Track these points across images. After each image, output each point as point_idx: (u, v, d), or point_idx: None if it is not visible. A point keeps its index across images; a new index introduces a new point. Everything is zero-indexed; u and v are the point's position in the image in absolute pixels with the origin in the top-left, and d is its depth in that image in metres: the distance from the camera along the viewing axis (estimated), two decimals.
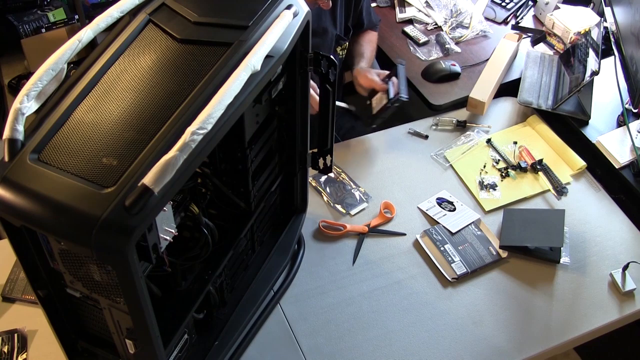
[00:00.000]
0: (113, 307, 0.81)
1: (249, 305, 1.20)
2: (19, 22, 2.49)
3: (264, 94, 0.98)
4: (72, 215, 0.67)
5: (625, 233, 1.42)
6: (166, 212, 0.78)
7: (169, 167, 0.67)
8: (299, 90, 1.10)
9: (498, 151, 1.57)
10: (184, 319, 0.96)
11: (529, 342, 1.23)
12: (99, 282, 0.77)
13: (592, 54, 1.60)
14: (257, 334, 1.22)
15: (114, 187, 0.68)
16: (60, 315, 0.91)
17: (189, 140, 0.68)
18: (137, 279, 0.71)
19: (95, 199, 0.67)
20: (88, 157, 0.72)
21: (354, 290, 1.30)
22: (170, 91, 0.78)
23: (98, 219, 0.65)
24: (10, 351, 1.18)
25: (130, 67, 0.81)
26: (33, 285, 0.85)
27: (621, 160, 1.53)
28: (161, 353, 0.86)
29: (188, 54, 0.82)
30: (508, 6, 2.03)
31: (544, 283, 1.32)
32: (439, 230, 1.38)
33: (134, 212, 0.66)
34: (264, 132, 1.06)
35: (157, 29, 0.85)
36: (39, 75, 0.75)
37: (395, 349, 1.21)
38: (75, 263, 0.77)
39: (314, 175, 1.50)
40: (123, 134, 0.74)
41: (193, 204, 0.91)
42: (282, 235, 1.30)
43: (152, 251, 0.76)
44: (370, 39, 1.87)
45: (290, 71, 1.06)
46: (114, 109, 0.76)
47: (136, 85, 0.79)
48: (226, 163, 1.03)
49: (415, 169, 1.52)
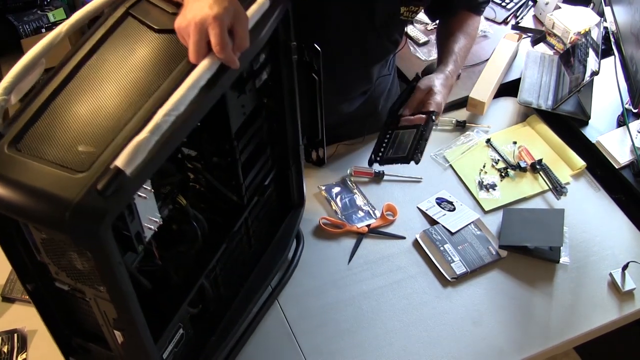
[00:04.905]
0: (98, 297, 0.82)
1: (246, 301, 1.19)
2: (19, 22, 2.49)
3: (247, 84, 0.98)
4: (46, 200, 0.68)
5: (625, 233, 1.42)
6: (147, 200, 0.79)
7: (140, 148, 0.68)
8: (286, 81, 1.09)
9: (498, 151, 1.57)
10: (176, 311, 0.97)
11: (529, 342, 1.23)
12: (82, 271, 0.78)
13: (592, 54, 1.60)
14: (256, 334, 1.22)
15: (87, 171, 0.70)
16: (52, 311, 0.92)
17: (160, 122, 0.70)
18: (114, 263, 0.72)
19: (69, 184, 0.68)
20: (65, 145, 0.73)
21: (354, 290, 1.30)
22: (148, 79, 0.79)
23: (71, 202, 0.66)
24: (10, 351, 1.19)
25: (109, 58, 0.83)
26: (21, 279, 0.86)
27: (621, 160, 1.53)
28: (149, 342, 0.86)
29: (165, 43, 0.84)
30: (508, 6, 2.03)
31: (543, 283, 1.32)
32: (439, 230, 1.38)
33: (107, 194, 0.67)
34: (252, 124, 1.06)
35: (135, 22, 0.87)
36: (17, 69, 0.77)
37: (395, 348, 1.21)
38: (57, 252, 0.78)
39: (326, 186, 1.47)
40: (100, 122, 0.75)
41: (181, 196, 0.92)
42: (279, 230, 1.30)
43: (136, 240, 0.78)
44: (465, 25, 1.43)
45: (274, 61, 1.05)
46: (92, 99, 0.78)
47: (114, 75, 0.80)
48: (216, 156, 1.03)
49: (414, 168, 1.52)
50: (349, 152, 1.56)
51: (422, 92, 1.35)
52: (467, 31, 1.43)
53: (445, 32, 1.45)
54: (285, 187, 1.29)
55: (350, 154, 1.55)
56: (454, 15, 1.45)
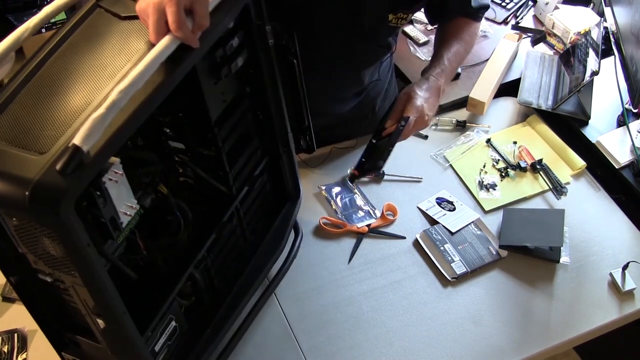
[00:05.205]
0: (75, 284, 0.83)
1: (242, 293, 1.19)
2: (19, 22, 2.48)
3: (222, 69, 0.98)
4: (7, 181, 0.69)
5: (625, 233, 1.42)
6: (119, 184, 0.79)
7: (96, 125, 0.69)
8: (265, 67, 1.08)
9: (498, 151, 1.57)
10: (164, 301, 0.97)
11: (529, 342, 1.23)
12: (56, 257, 0.79)
13: (592, 54, 1.60)
14: (256, 334, 1.22)
15: (48, 152, 0.71)
16: (41, 305, 0.92)
17: (116, 99, 0.71)
18: (81, 245, 0.73)
19: (31, 165, 0.70)
20: (30, 130, 0.75)
21: (354, 289, 1.30)
22: (112, 63, 0.81)
23: (30, 182, 0.68)
24: (10, 351, 1.19)
25: (76, 48, 0.84)
26: (4, 272, 0.87)
27: (621, 160, 1.53)
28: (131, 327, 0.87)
29: (130, 28, 0.85)
30: (508, 6, 2.03)
31: (543, 283, 1.32)
32: (439, 230, 1.39)
33: (67, 172, 0.67)
34: (234, 112, 1.06)
35: (104, 12, 0.88)
36: None
37: (395, 348, 1.21)
38: (31, 238, 0.78)
39: (326, 186, 1.48)
40: (65, 107, 0.77)
41: (162, 184, 0.93)
42: (275, 222, 1.29)
43: (111, 225, 0.78)
44: (461, 31, 1.39)
45: (251, 46, 1.04)
46: (58, 86, 0.80)
47: (80, 63, 0.82)
48: (201, 146, 1.04)
49: (414, 168, 1.52)
50: (349, 152, 1.56)
51: (402, 101, 1.33)
52: (461, 37, 1.40)
53: (439, 38, 1.43)
54: (279, 178, 1.28)
55: (350, 154, 1.55)
56: (450, 20, 1.42)
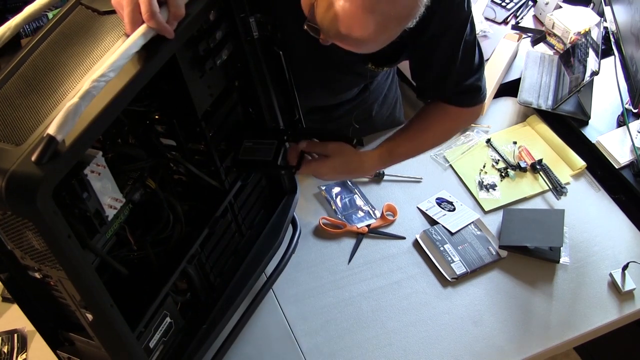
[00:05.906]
0: (62, 279, 0.83)
1: (239, 289, 1.18)
2: None
3: (207, 62, 0.98)
4: None
5: (625, 233, 1.42)
6: (102, 177, 0.80)
7: (70, 114, 0.70)
8: (251, 60, 1.08)
9: (498, 151, 1.57)
10: (156, 296, 0.97)
11: (529, 342, 1.23)
12: (40, 251, 0.79)
13: (592, 54, 1.60)
14: (256, 334, 1.22)
15: (24, 143, 0.72)
16: (33, 303, 0.92)
17: (89, 88, 0.71)
18: (61, 236, 0.73)
19: (7, 156, 0.70)
20: (9, 123, 0.76)
21: (354, 290, 1.30)
22: (90, 56, 0.83)
23: (6, 172, 0.68)
24: (10, 351, 1.19)
25: (57, 44, 0.86)
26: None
27: (621, 160, 1.53)
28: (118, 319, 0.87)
29: (109, 22, 0.87)
30: (508, 6, 2.03)
31: (543, 283, 1.32)
32: (439, 230, 1.39)
33: (42, 162, 0.68)
34: (222, 107, 1.06)
35: (84, 9, 0.90)
36: None
37: (395, 348, 1.21)
38: (16, 233, 0.79)
39: (326, 186, 1.48)
40: (43, 101, 0.78)
41: (150, 179, 0.94)
42: (272, 217, 1.29)
43: (95, 218, 0.79)
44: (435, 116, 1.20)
45: (235, 39, 1.04)
46: (38, 82, 0.81)
47: (59, 58, 0.84)
48: (190, 141, 1.04)
49: (414, 169, 1.52)
50: None
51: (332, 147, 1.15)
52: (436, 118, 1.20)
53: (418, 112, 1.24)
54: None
55: None
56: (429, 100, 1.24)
